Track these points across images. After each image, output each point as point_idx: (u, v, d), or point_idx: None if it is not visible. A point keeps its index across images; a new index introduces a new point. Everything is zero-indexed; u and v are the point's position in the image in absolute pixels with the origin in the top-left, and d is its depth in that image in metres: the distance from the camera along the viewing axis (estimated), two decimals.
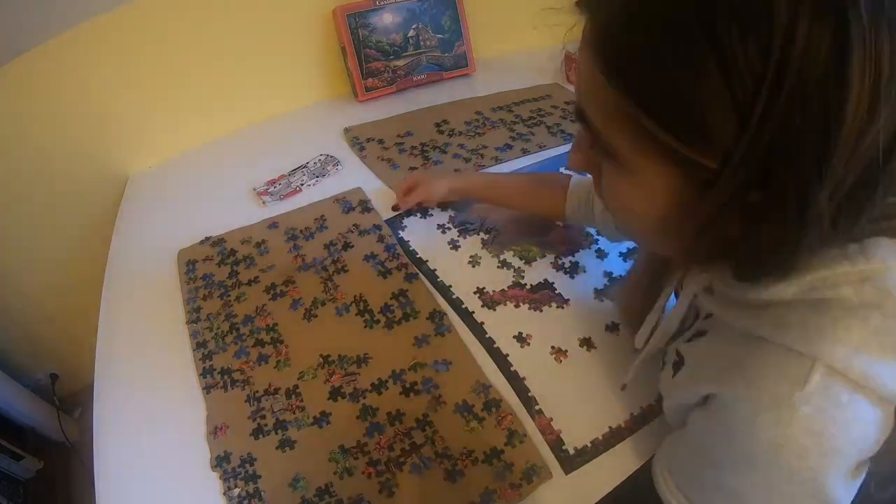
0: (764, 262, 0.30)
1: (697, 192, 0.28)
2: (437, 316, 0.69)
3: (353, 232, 0.82)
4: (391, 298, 0.72)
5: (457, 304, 0.71)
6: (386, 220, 0.85)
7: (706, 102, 0.24)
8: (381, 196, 0.91)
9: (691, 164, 0.27)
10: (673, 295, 0.52)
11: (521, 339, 0.67)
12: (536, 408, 0.60)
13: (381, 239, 0.81)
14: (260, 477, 0.54)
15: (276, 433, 0.58)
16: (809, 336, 0.29)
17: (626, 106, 0.28)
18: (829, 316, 0.29)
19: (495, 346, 0.66)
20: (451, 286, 0.74)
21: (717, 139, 0.25)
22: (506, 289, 0.73)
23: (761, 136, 0.24)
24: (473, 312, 0.70)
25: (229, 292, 0.74)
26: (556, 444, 0.56)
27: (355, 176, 0.96)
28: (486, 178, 0.83)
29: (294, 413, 0.60)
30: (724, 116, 0.24)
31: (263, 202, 0.89)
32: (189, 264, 0.78)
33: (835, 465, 0.29)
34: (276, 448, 0.57)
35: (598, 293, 0.72)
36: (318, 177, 0.94)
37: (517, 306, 0.71)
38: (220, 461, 0.56)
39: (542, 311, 0.71)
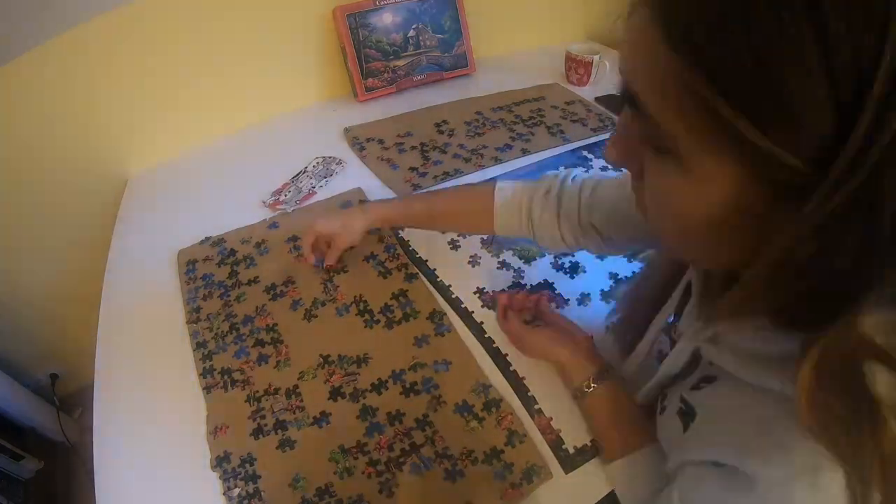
0: (818, 305, 0.24)
1: (774, 199, 0.23)
2: (436, 316, 0.69)
3: None
4: (391, 298, 0.72)
5: (456, 304, 0.71)
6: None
7: (798, 83, 0.20)
8: (382, 196, 0.91)
9: (770, 161, 0.22)
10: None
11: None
12: (536, 407, 0.60)
13: (381, 239, 0.81)
14: (260, 477, 0.54)
15: (276, 433, 0.58)
16: None
17: (693, 83, 0.22)
18: None
19: (494, 345, 0.66)
20: (450, 286, 0.74)
21: (807, 132, 0.20)
22: (505, 289, 0.73)
23: (870, 142, 0.19)
24: (473, 312, 0.70)
25: (229, 292, 0.74)
26: (556, 444, 0.56)
27: (355, 176, 0.96)
28: (395, 206, 0.73)
29: (294, 413, 0.60)
30: (820, 105, 0.20)
31: (281, 211, 0.88)
32: (189, 264, 0.78)
33: None
34: (276, 448, 0.57)
35: (605, 294, 0.72)
36: (325, 178, 0.94)
37: None
38: (220, 461, 0.56)
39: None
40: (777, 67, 0.20)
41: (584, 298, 0.72)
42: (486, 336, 0.67)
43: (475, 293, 0.73)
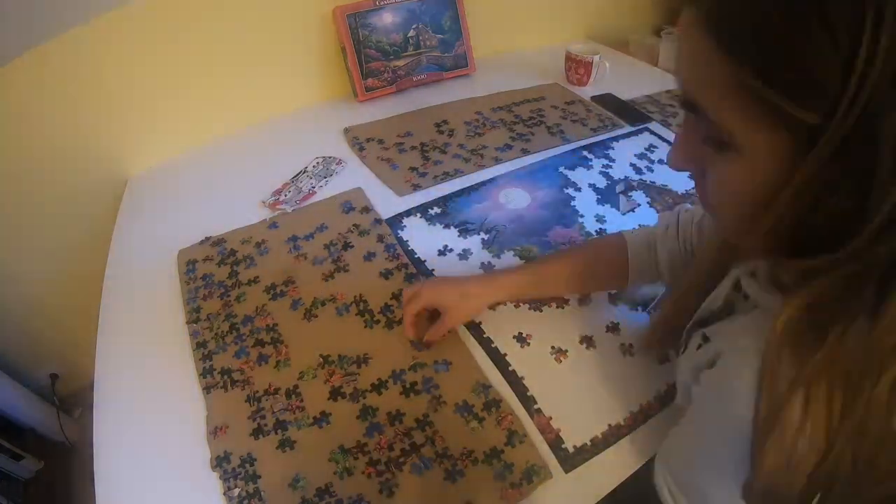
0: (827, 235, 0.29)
1: (799, 153, 0.28)
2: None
3: (352, 232, 0.82)
4: (391, 298, 0.72)
5: None
6: (386, 220, 0.85)
7: (811, 55, 0.25)
8: (382, 196, 0.91)
9: (799, 124, 0.27)
10: None
11: (521, 339, 0.67)
12: (535, 407, 0.60)
13: (381, 239, 0.81)
14: (260, 477, 0.54)
15: (276, 433, 0.58)
16: None
17: (740, 75, 0.28)
18: None
19: (493, 345, 0.66)
20: None
21: (821, 93, 0.26)
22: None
23: (863, 86, 0.24)
24: None
25: (229, 292, 0.74)
26: (556, 443, 0.56)
27: (355, 176, 0.96)
28: (526, 273, 0.68)
29: (294, 413, 0.60)
30: (829, 70, 0.25)
31: (281, 211, 0.88)
32: (189, 264, 0.78)
33: None
34: (276, 448, 0.57)
35: (612, 296, 0.72)
36: (325, 177, 0.94)
37: (517, 306, 0.71)
38: (220, 461, 0.55)
39: (542, 311, 0.71)
40: (798, 46, 0.26)
41: (584, 297, 0.72)
42: (484, 336, 0.67)
43: None
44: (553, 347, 0.66)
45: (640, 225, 0.80)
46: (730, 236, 0.42)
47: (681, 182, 0.94)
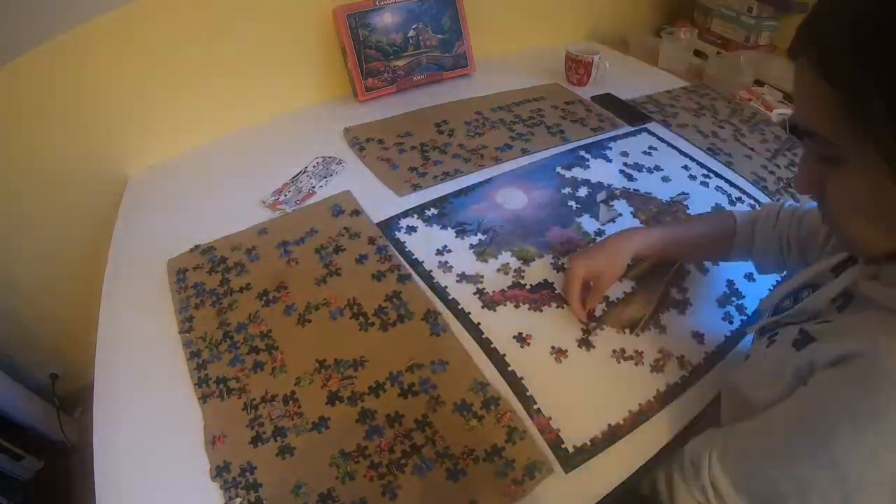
0: None
1: None
2: (431, 316, 0.69)
3: (343, 235, 0.82)
4: (385, 300, 0.72)
5: (453, 305, 0.71)
6: (378, 223, 0.85)
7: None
8: (377, 197, 0.90)
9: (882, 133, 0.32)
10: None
11: (521, 339, 0.67)
12: (535, 407, 0.60)
13: (372, 241, 0.81)
14: (261, 485, 0.54)
15: (275, 440, 0.57)
16: None
17: (847, 101, 0.33)
18: None
19: (492, 346, 0.66)
20: (446, 287, 0.74)
21: None
22: (505, 289, 0.73)
23: None
24: (470, 313, 0.70)
25: (221, 300, 0.73)
26: (556, 443, 0.57)
27: (355, 176, 0.96)
28: (659, 234, 0.71)
29: (292, 419, 0.59)
30: None
31: (281, 211, 0.88)
32: (179, 273, 0.77)
33: None
34: (276, 455, 0.56)
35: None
36: (325, 177, 0.94)
37: (517, 306, 0.71)
38: (219, 471, 0.55)
39: (542, 311, 0.71)
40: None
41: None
42: (483, 337, 0.67)
43: (475, 294, 0.73)
44: (553, 347, 0.66)
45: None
46: (857, 252, 0.44)
47: (666, 190, 0.93)
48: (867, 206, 0.37)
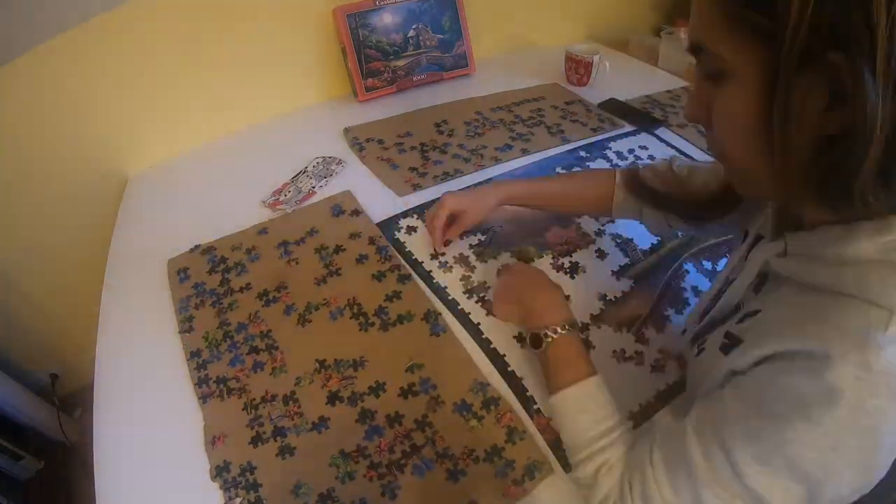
0: (842, 178, 0.31)
1: (781, 79, 0.30)
2: (431, 316, 0.69)
3: (344, 235, 0.82)
4: (385, 300, 0.72)
5: (453, 306, 0.71)
6: (378, 223, 0.85)
7: None
8: (377, 197, 0.90)
9: (770, 36, 0.30)
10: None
11: (521, 339, 0.67)
12: (535, 407, 0.60)
13: (372, 241, 0.81)
14: (261, 485, 0.54)
15: (276, 440, 0.57)
16: (889, 292, 0.32)
17: (733, 7, 0.32)
18: None
19: (492, 346, 0.66)
20: (446, 287, 0.74)
21: (784, 10, 0.28)
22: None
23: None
24: (470, 314, 0.70)
25: (221, 300, 0.73)
26: (556, 443, 0.56)
27: (355, 176, 0.96)
28: (526, 183, 0.78)
29: (292, 419, 0.59)
30: None
31: (281, 211, 0.88)
32: (180, 273, 0.77)
33: None
34: (276, 455, 0.56)
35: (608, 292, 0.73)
36: (325, 178, 0.94)
37: None
38: (219, 471, 0.55)
39: None
40: None
41: (586, 298, 0.72)
42: (483, 337, 0.67)
43: (476, 301, 0.72)
44: None
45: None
46: (746, 188, 0.42)
47: None
48: (748, 126, 0.34)
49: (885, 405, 0.31)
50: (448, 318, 0.70)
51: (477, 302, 0.72)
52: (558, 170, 0.96)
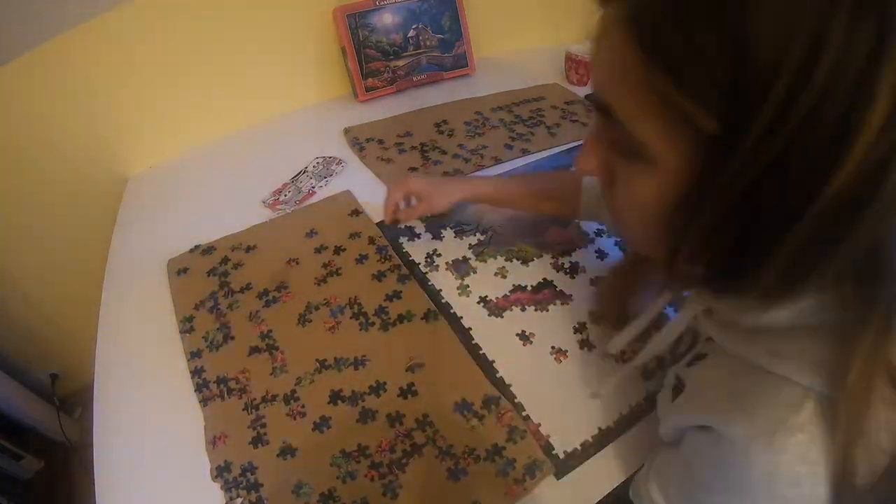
0: (733, 267, 0.29)
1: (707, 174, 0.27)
2: (432, 316, 0.69)
3: (343, 235, 0.82)
4: (385, 300, 0.72)
5: (445, 309, 0.71)
6: (378, 223, 0.84)
7: (717, 73, 0.23)
8: (376, 197, 0.90)
9: (710, 138, 0.25)
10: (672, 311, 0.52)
11: (524, 337, 0.67)
12: (524, 414, 0.59)
13: (372, 241, 0.81)
14: (262, 485, 0.54)
15: (276, 440, 0.57)
16: (803, 366, 0.30)
17: (653, 76, 0.26)
18: (824, 343, 0.30)
19: (481, 352, 0.65)
20: (440, 290, 0.73)
21: (722, 107, 0.24)
22: (507, 293, 0.73)
23: (772, 122, 0.22)
24: (462, 318, 0.69)
25: (222, 300, 0.73)
26: (546, 449, 0.56)
27: (355, 176, 0.96)
28: (493, 182, 0.78)
29: (293, 419, 0.59)
30: (733, 92, 0.23)
31: (281, 211, 0.88)
32: (179, 273, 0.77)
33: (827, 496, 0.28)
34: (277, 456, 0.56)
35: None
36: (325, 178, 0.94)
37: (523, 309, 0.71)
38: (220, 471, 0.55)
39: (547, 310, 0.70)
40: (709, 58, 0.23)
41: (585, 298, 0.72)
42: (473, 343, 0.66)
43: (479, 303, 0.72)
44: (553, 347, 0.66)
45: None
46: (638, 249, 0.42)
47: None
48: (656, 213, 0.31)
49: (797, 493, 0.29)
50: (441, 322, 0.69)
51: (478, 302, 0.72)
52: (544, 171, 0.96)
